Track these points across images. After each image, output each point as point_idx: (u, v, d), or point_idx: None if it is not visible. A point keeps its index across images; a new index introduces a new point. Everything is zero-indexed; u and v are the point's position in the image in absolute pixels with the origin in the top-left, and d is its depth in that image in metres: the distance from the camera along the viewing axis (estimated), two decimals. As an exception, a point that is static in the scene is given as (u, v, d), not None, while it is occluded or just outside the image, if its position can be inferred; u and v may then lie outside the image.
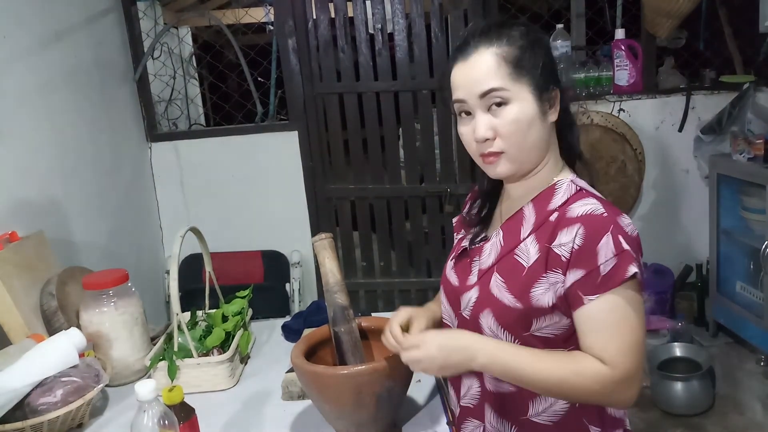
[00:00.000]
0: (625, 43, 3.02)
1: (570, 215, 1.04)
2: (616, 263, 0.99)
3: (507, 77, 1.04)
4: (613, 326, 1.01)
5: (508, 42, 1.06)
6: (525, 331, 1.07)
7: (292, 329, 1.82)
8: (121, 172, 2.72)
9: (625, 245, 0.99)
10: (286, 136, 3.03)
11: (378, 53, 2.90)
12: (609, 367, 1.00)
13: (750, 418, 2.64)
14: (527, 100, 1.05)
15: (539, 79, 1.05)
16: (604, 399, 1.05)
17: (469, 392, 1.19)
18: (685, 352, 2.88)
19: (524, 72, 1.05)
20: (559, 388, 1.04)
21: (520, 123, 1.05)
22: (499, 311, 1.08)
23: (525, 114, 1.05)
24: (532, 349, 1.06)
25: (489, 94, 1.05)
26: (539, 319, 1.06)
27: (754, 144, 2.66)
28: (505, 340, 1.09)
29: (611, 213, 1.03)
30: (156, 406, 1.04)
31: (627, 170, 3.09)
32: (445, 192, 3.00)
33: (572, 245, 1.01)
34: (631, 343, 1.01)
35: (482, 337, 1.09)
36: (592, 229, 1.00)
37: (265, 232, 3.08)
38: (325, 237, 1.34)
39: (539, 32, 1.10)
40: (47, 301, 1.66)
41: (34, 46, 2.15)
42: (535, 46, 1.07)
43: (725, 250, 2.95)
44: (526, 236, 1.09)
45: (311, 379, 1.21)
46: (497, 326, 1.09)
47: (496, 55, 1.05)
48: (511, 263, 1.09)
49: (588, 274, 1.00)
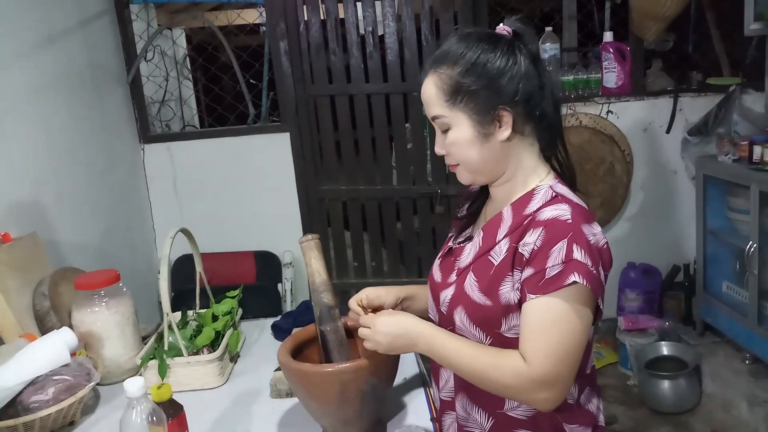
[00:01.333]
0: (613, 46, 3.05)
1: (539, 218, 1.07)
2: (561, 270, 1.01)
3: (444, 105, 1.10)
4: (541, 328, 1.04)
5: (450, 67, 1.09)
6: (496, 329, 1.10)
7: (281, 329, 1.85)
8: (114, 174, 2.74)
9: (577, 254, 1.01)
10: (278, 138, 3.05)
11: (369, 55, 2.92)
12: (527, 366, 1.03)
13: (736, 416, 2.67)
14: (464, 125, 1.10)
15: (477, 103, 1.08)
16: (518, 395, 1.08)
17: (447, 385, 1.23)
18: (672, 351, 2.92)
19: (460, 98, 1.09)
20: (481, 379, 1.09)
21: (459, 146, 1.12)
22: (470, 309, 1.12)
23: (462, 138, 1.11)
24: (463, 340, 1.12)
25: (434, 119, 1.13)
26: (509, 317, 1.09)
27: (740, 146, 2.69)
28: (478, 338, 1.12)
29: (576, 221, 1.04)
30: (145, 403, 1.06)
31: (615, 171, 3.12)
32: (436, 193, 3.03)
33: (533, 246, 1.04)
34: (557, 347, 1.03)
35: (422, 323, 1.15)
36: (552, 233, 1.03)
37: (258, 233, 3.11)
38: (312, 238, 1.36)
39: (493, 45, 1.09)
40: (40, 301, 1.69)
41: (28, 49, 2.17)
42: (478, 66, 1.07)
43: (712, 250, 2.99)
44: (501, 238, 1.12)
45: (297, 377, 1.24)
46: (470, 323, 1.12)
47: (437, 82, 1.10)
48: (485, 263, 1.13)
49: (535, 273, 1.03)
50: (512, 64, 1.08)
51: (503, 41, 1.10)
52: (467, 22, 2.89)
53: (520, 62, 1.08)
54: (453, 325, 1.15)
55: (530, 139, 1.13)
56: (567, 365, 1.04)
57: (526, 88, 1.08)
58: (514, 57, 1.08)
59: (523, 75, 1.08)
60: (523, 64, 1.09)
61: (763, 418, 2.55)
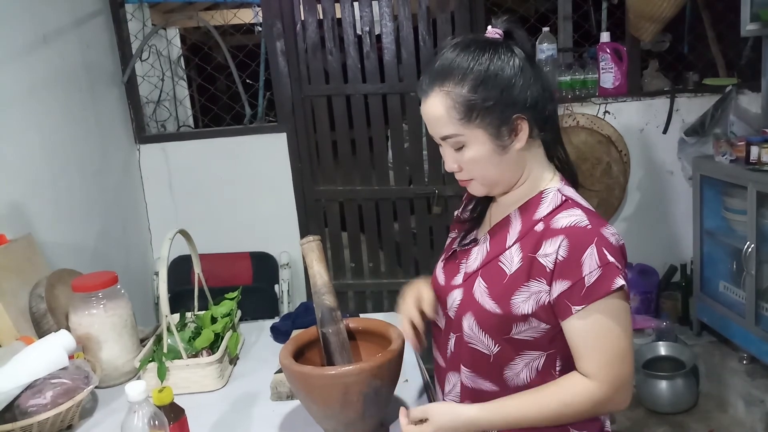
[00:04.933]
0: (610, 47, 3.05)
1: (555, 226, 1.06)
2: (601, 274, 1.01)
3: (458, 123, 1.06)
4: (596, 340, 1.03)
5: (459, 82, 1.05)
6: (505, 335, 1.10)
7: (280, 331, 1.84)
8: (109, 174, 2.72)
9: (609, 257, 1.01)
10: (274, 138, 3.04)
11: (366, 55, 2.91)
12: (596, 382, 1.03)
13: (733, 416, 2.68)
14: (481, 142, 1.07)
15: (494, 118, 1.05)
16: (599, 411, 1.09)
17: (453, 390, 1.21)
18: (669, 351, 2.92)
19: (475, 115, 1.05)
20: (559, 420, 1.08)
21: (477, 162, 1.09)
22: (480, 315, 1.11)
23: (480, 155, 1.08)
24: (519, 399, 1.08)
25: (446, 139, 1.09)
26: (518, 324, 1.08)
27: (736, 146, 2.69)
28: (486, 343, 1.11)
29: (595, 225, 1.04)
30: (146, 407, 1.05)
31: (612, 172, 3.13)
32: (433, 193, 3.03)
33: (556, 256, 1.03)
34: (616, 354, 1.03)
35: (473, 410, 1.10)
36: (576, 241, 1.03)
37: (254, 234, 3.09)
38: (313, 239, 1.35)
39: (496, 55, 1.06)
40: (36, 303, 1.67)
41: (22, 49, 2.15)
42: (488, 80, 1.04)
43: (709, 250, 2.99)
44: (511, 244, 1.11)
45: (299, 380, 1.23)
46: (478, 329, 1.11)
47: (446, 101, 1.05)
48: (495, 269, 1.11)
49: (574, 285, 1.02)
50: (518, 70, 1.06)
51: (502, 47, 1.07)
52: (464, 22, 2.88)
53: (523, 66, 1.07)
54: (461, 330, 1.14)
55: (538, 141, 1.13)
56: (628, 364, 1.05)
57: (534, 92, 1.07)
58: (516, 62, 1.06)
59: (529, 79, 1.07)
60: (524, 68, 1.07)
61: (760, 417, 2.56)
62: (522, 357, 1.11)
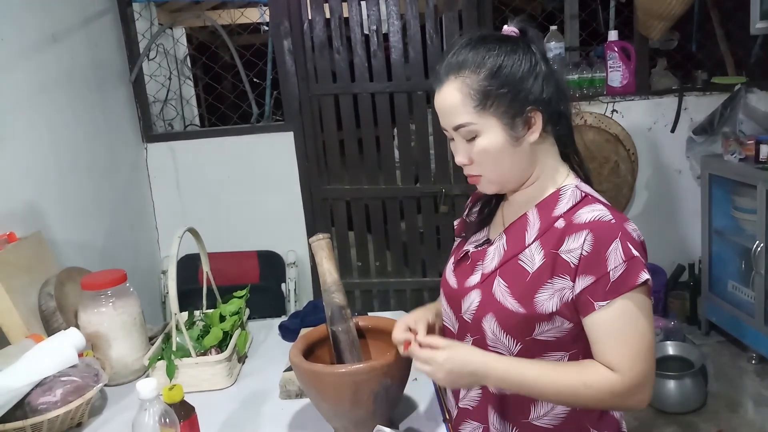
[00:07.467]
0: (618, 45, 3.04)
1: (578, 221, 1.05)
2: (626, 269, 1.00)
3: (473, 111, 1.05)
4: (622, 333, 1.02)
5: (475, 70, 1.05)
6: (527, 336, 1.08)
7: (289, 329, 1.83)
8: (117, 173, 2.73)
9: (634, 252, 1.01)
10: (281, 137, 3.04)
11: (373, 54, 2.91)
12: (619, 375, 1.02)
13: (742, 416, 2.66)
14: (495, 132, 1.06)
15: (508, 107, 1.05)
16: (617, 405, 1.08)
17: (469, 393, 1.20)
18: (677, 351, 2.91)
19: (490, 103, 1.05)
20: (570, 400, 1.06)
21: (489, 153, 1.07)
22: (502, 316, 1.09)
23: (493, 145, 1.06)
24: (537, 364, 1.06)
25: (459, 128, 1.08)
26: (541, 324, 1.07)
27: (745, 145, 2.68)
28: (508, 345, 1.10)
29: (618, 219, 1.04)
30: (157, 405, 1.05)
31: (620, 171, 3.11)
32: (440, 192, 3.02)
33: (581, 251, 1.02)
34: (640, 348, 1.02)
35: (489, 356, 1.08)
36: (601, 236, 1.02)
37: (261, 233, 3.09)
38: (323, 237, 1.35)
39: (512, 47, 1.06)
40: (46, 301, 1.67)
41: (31, 48, 2.16)
42: (504, 68, 1.05)
43: (717, 249, 2.98)
44: (531, 242, 1.10)
45: (309, 378, 1.23)
46: (500, 330, 1.09)
47: (462, 88, 1.05)
48: (515, 268, 1.10)
49: (598, 280, 1.01)
50: (534, 64, 1.06)
51: (519, 42, 1.08)
52: (471, 21, 2.88)
53: (538, 62, 1.07)
54: (480, 333, 1.12)
55: (551, 138, 1.12)
56: (651, 360, 1.03)
57: (549, 87, 1.07)
58: (533, 57, 1.07)
59: (544, 75, 1.07)
60: (540, 64, 1.07)
61: (769, 418, 2.55)
62: (544, 358, 1.10)
